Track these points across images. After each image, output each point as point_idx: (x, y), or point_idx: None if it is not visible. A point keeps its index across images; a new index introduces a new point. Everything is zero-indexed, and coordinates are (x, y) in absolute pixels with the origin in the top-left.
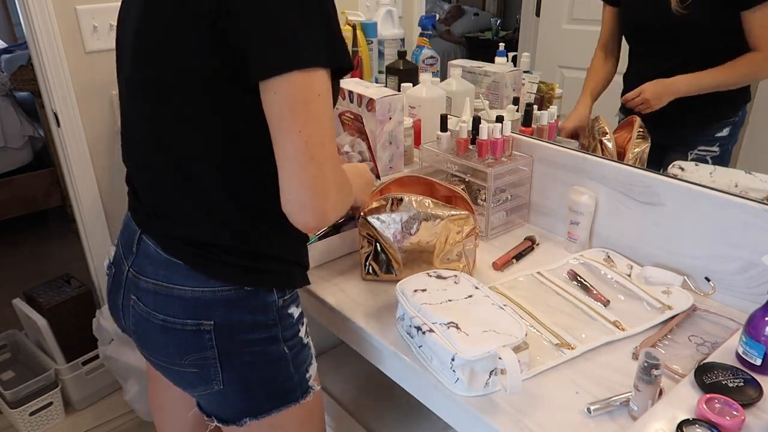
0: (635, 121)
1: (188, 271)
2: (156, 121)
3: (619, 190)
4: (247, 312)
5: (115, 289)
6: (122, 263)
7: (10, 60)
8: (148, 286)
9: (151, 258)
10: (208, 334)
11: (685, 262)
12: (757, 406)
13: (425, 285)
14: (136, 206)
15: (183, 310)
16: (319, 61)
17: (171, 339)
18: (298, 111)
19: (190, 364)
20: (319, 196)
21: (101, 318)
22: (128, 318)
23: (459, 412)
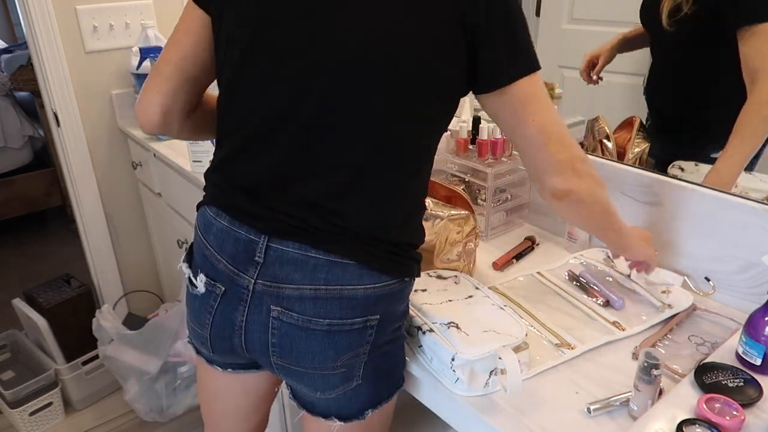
0: (635, 121)
1: (361, 269)
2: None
3: (619, 190)
4: (398, 302)
5: (229, 308)
6: (238, 277)
7: (10, 60)
8: (303, 293)
9: (297, 263)
10: (371, 329)
11: (685, 262)
12: (757, 406)
13: (425, 285)
14: (256, 211)
15: (352, 310)
16: (539, 66)
17: (333, 342)
18: (532, 102)
19: (342, 365)
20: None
21: (101, 318)
22: (259, 333)
23: (459, 412)
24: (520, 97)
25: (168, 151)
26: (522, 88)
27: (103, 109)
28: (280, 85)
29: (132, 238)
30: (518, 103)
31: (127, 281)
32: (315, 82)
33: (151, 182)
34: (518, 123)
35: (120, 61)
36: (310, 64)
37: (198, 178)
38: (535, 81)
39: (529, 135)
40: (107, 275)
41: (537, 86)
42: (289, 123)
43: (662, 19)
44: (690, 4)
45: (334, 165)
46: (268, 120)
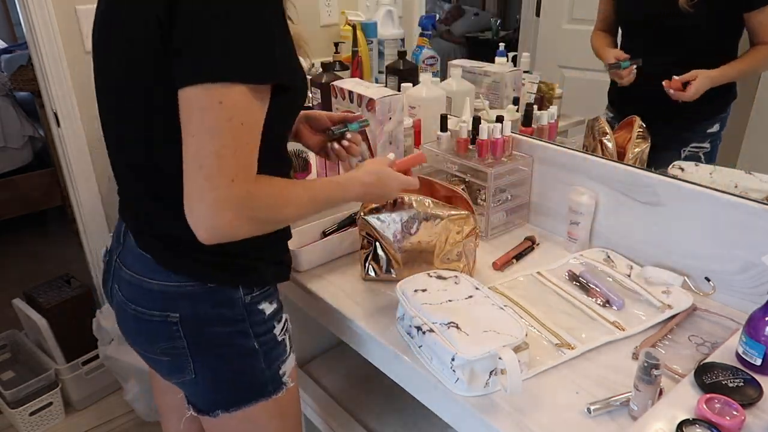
0: (635, 121)
1: (155, 264)
2: (113, 121)
3: (619, 190)
4: (210, 306)
5: (105, 278)
6: (114, 252)
7: (10, 60)
8: (126, 277)
9: (130, 250)
10: (175, 326)
11: (685, 262)
12: (757, 406)
13: (426, 285)
14: (120, 201)
15: (151, 302)
16: (238, 77)
17: (142, 328)
18: (193, 116)
19: (162, 353)
20: (208, 210)
21: (101, 318)
22: (114, 306)
23: (459, 412)
24: (184, 106)
25: None
26: (189, 97)
27: None
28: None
29: None
30: (182, 113)
31: None
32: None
33: None
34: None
35: None
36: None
37: None
38: (211, 93)
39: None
40: None
41: (210, 99)
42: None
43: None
44: None
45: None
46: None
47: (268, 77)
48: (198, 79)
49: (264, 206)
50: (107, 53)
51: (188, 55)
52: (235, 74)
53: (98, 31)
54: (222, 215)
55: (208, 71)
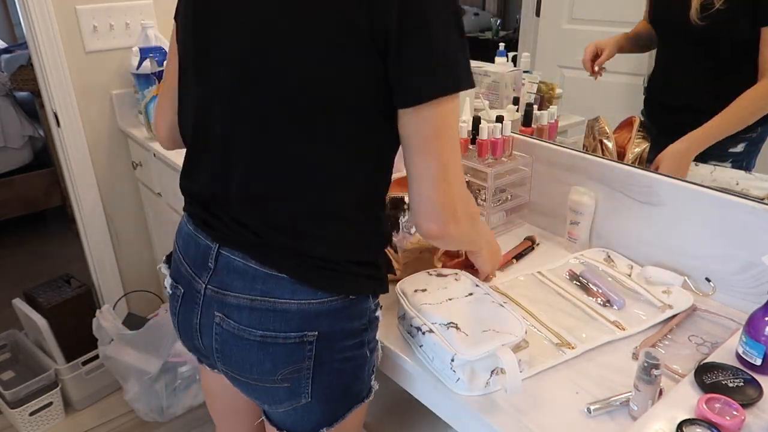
0: (635, 121)
1: (294, 284)
2: (281, 139)
3: (619, 190)
4: (348, 320)
5: (187, 309)
6: (194, 281)
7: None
8: (242, 302)
9: (240, 272)
10: (309, 345)
11: (685, 262)
12: (757, 406)
13: (425, 284)
14: (210, 220)
15: (286, 324)
16: (465, 85)
17: (269, 354)
18: (441, 135)
19: (283, 379)
20: (448, 207)
21: (101, 318)
22: (208, 337)
23: (459, 412)
24: (430, 123)
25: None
26: (433, 113)
27: (103, 109)
28: (196, 102)
29: (132, 238)
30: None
31: (127, 281)
32: (217, 100)
33: (151, 182)
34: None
35: (120, 61)
36: (212, 82)
37: None
38: (449, 105)
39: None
40: (107, 275)
41: (450, 112)
42: (210, 140)
43: (691, 14)
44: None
45: (266, 182)
46: (196, 136)
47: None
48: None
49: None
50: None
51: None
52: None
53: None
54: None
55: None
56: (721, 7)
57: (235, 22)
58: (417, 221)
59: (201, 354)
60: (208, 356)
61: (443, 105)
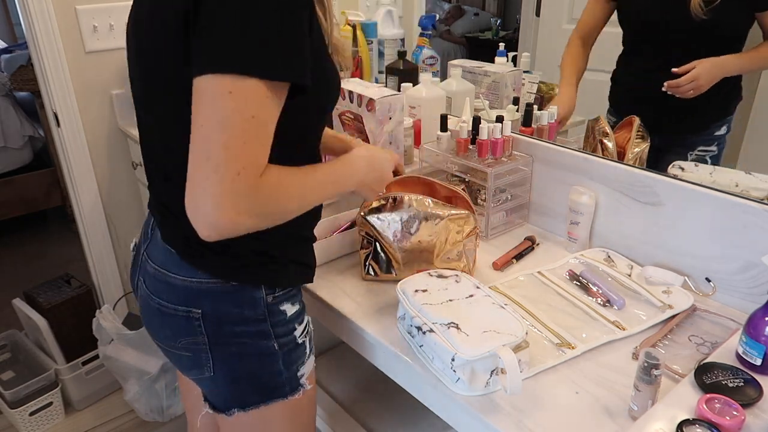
0: (634, 121)
1: (180, 260)
2: (146, 114)
3: (619, 190)
4: (233, 305)
5: (133, 270)
6: (141, 245)
7: (10, 60)
8: (151, 270)
9: (157, 244)
10: (197, 321)
11: (685, 262)
12: (757, 406)
13: (426, 285)
14: (150, 193)
15: (175, 297)
16: (252, 70)
17: (166, 322)
18: (204, 105)
19: (184, 348)
20: (209, 202)
21: (101, 318)
22: (138, 299)
23: (459, 412)
24: (195, 96)
25: None
26: (201, 87)
27: (103, 109)
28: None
29: (132, 238)
30: (193, 102)
31: (127, 281)
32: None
33: None
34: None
35: (120, 61)
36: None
37: None
38: (222, 83)
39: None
40: (107, 275)
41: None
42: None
43: (692, 8)
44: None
45: (154, 158)
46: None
47: (285, 75)
48: (211, 69)
49: (270, 201)
50: (138, 44)
51: (205, 43)
52: (250, 67)
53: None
54: (224, 210)
55: (222, 61)
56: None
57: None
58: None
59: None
60: None
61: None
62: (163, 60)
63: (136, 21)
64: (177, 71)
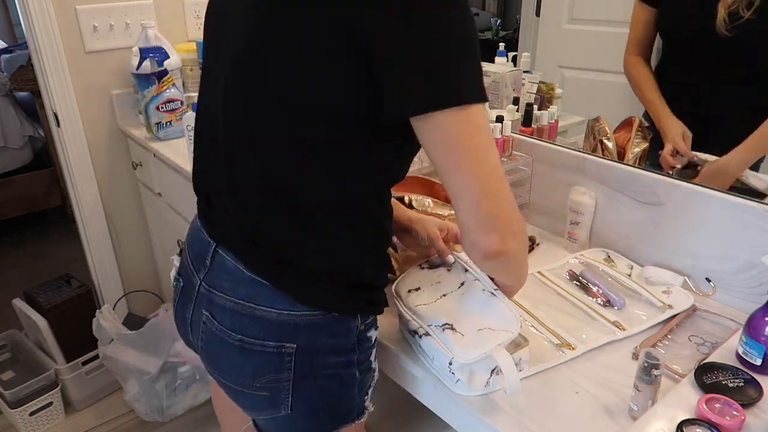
0: (635, 121)
1: (275, 293)
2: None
3: (619, 190)
4: (330, 336)
5: (184, 303)
6: (193, 276)
7: (10, 60)
8: (227, 304)
9: (230, 274)
10: (288, 357)
11: (685, 262)
12: (757, 406)
13: (419, 282)
14: (213, 217)
15: (265, 332)
16: (479, 96)
17: (248, 359)
18: (459, 150)
19: (262, 387)
20: (498, 228)
21: (101, 318)
22: (197, 334)
23: (459, 412)
24: (442, 135)
25: (168, 151)
26: (444, 125)
27: (103, 109)
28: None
29: (132, 238)
30: (442, 143)
31: (127, 281)
32: (220, 104)
33: (151, 182)
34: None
35: (120, 61)
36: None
37: None
38: (464, 118)
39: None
40: (107, 275)
41: (468, 125)
42: (215, 143)
43: (717, 24)
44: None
45: (252, 185)
46: (207, 136)
47: (485, 97)
48: (446, 103)
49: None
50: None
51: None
52: (476, 95)
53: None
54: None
55: (456, 94)
56: (751, 17)
57: (233, 25)
58: (474, 239)
59: (194, 349)
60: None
61: (448, 118)
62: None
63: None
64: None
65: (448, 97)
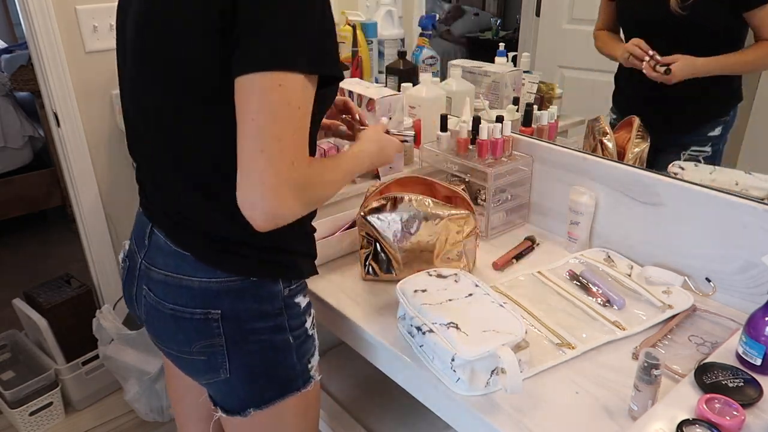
0: (634, 121)
1: (196, 262)
2: (161, 116)
3: (619, 190)
4: (253, 301)
5: (129, 281)
6: (135, 256)
7: (10, 60)
8: (159, 277)
9: (162, 250)
10: (215, 323)
11: (685, 262)
12: (757, 406)
13: (425, 285)
14: (145, 201)
15: (191, 300)
16: (297, 66)
17: (180, 327)
18: (254, 100)
19: (199, 352)
20: (268, 193)
21: (101, 318)
22: (141, 308)
23: (459, 412)
24: (243, 92)
25: None
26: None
27: (103, 109)
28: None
29: None
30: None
31: None
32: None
33: None
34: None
35: None
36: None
37: None
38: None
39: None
40: (107, 275)
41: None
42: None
43: (671, 4)
44: None
45: (162, 161)
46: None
47: (322, 68)
48: (260, 67)
49: (315, 188)
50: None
51: (251, 43)
52: (295, 63)
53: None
54: (283, 199)
55: (270, 59)
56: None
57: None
58: (239, 204)
59: (143, 324)
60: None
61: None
62: (191, 62)
63: (143, 25)
64: (209, 74)
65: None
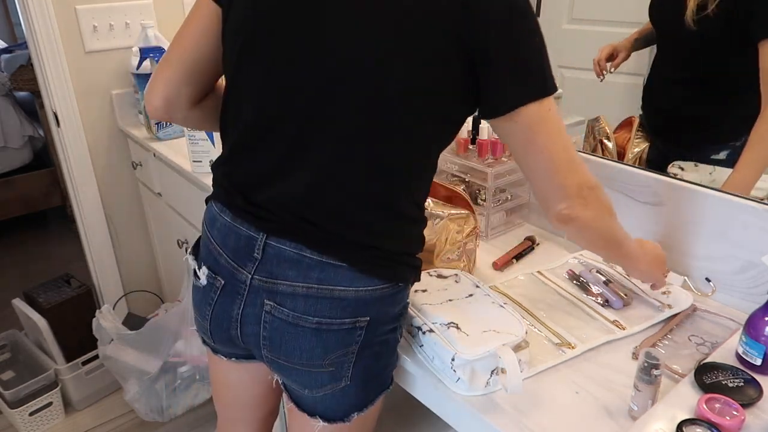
0: (635, 121)
1: (353, 272)
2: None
3: (619, 190)
4: (392, 305)
5: (227, 300)
6: (237, 272)
7: (10, 60)
8: (296, 290)
9: (292, 262)
10: (360, 330)
11: (685, 262)
12: (757, 406)
13: (426, 285)
14: (251, 209)
15: (342, 310)
16: (552, 89)
17: (321, 340)
18: (539, 132)
19: (330, 364)
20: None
21: (101, 318)
22: (253, 326)
23: (459, 412)
24: (527, 123)
25: (168, 151)
26: (528, 115)
27: (103, 109)
28: (270, 92)
29: (132, 238)
30: (526, 129)
31: (127, 281)
32: (301, 95)
33: (151, 182)
34: (526, 151)
35: (120, 61)
36: (298, 78)
37: (198, 178)
38: (544, 106)
39: (537, 162)
40: (107, 275)
41: (546, 111)
42: (279, 131)
43: (686, 16)
44: (714, 6)
45: (324, 175)
46: (260, 123)
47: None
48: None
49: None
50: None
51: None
52: (552, 87)
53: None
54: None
55: (540, 88)
56: (712, 12)
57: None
58: (546, 206)
59: (233, 344)
60: (243, 345)
61: (538, 105)
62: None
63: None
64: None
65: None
